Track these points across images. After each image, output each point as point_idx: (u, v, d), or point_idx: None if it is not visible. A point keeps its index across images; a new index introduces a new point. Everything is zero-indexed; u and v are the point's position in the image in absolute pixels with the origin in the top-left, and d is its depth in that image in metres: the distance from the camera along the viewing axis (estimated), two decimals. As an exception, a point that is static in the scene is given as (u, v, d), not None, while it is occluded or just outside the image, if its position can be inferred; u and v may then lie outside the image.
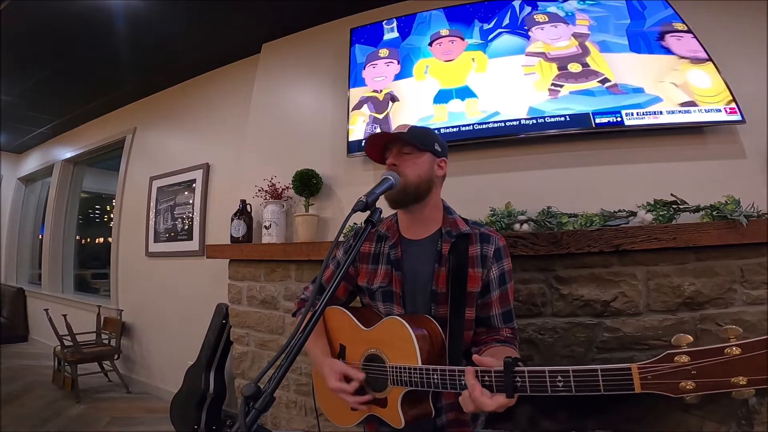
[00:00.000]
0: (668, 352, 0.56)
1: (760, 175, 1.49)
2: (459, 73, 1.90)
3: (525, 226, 1.50)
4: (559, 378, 0.63)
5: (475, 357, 0.72)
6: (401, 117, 1.95)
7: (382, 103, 2.03)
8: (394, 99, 2.01)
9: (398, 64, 2.06)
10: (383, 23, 2.14)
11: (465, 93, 1.86)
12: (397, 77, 2.03)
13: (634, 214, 1.43)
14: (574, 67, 1.71)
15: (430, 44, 2.01)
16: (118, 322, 3.20)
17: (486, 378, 0.70)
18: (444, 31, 2.00)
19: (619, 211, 1.45)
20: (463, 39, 1.95)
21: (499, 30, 1.88)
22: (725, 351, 0.52)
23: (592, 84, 1.66)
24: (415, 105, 1.95)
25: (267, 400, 0.56)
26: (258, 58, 2.61)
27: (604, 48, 1.71)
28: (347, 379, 0.90)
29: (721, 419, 1.34)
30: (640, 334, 1.32)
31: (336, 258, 1.14)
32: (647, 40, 1.69)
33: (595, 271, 1.39)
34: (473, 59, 1.89)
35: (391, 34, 2.13)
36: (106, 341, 3.23)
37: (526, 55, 1.80)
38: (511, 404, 0.69)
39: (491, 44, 1.88)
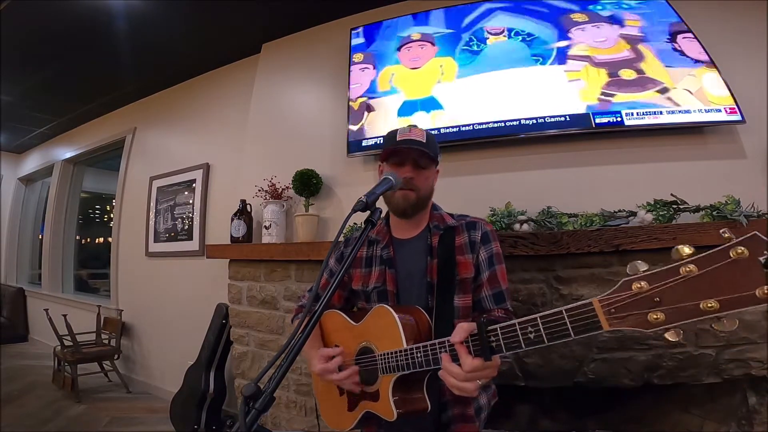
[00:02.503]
0: (624, 279, 0.54)
1: (760, 175, 1.49)
2: (425, 83, 1.84)
3: (525, 226, 1.50)
4: (529, 328, 0.63)
5: (451, 338, 0.72)
6: (377, 128, 1.90)
7: (357, 113, 1.95)
8: (369, 108, 1.92)
9: (374, 69, 1.96)
10: (351, 30, 2.11)
11: (431, 105, 1.82)
12: (373, 84, 1.96)
13: (634, 214, 1.43)
14: (627, 74, 1.57)
15: (399, 49, 1.95)
16: (118, 322, 3.20)
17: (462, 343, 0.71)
18: (415, 35, 1.91)
19: (619, 211, 1.44)
20: (433, 44, 1.88)
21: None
22: (680, 270, 0.48)
23: (650, 94, 1.54)
24: (383, 116, 1.87)
25: (267, 400, 0.56)
26: (258, 58, 2.61)
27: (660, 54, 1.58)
28: (331, 359, 0.92)
29: (721, 419, 1.34)
30: (639, 335, 1.32)
31: (329, 267, 1.15)
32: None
33: (595, 271, 1.38)
34: (441, 66, 1.82)
35: (356, 39, 2.08)
36: (106, 341, 3.23)
37: (569, 59, 1.65)
38: (493, 373, 0.70)
39: (459, 50, 1.84)
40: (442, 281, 0.95)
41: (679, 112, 1.54)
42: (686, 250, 0.49)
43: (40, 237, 4.92)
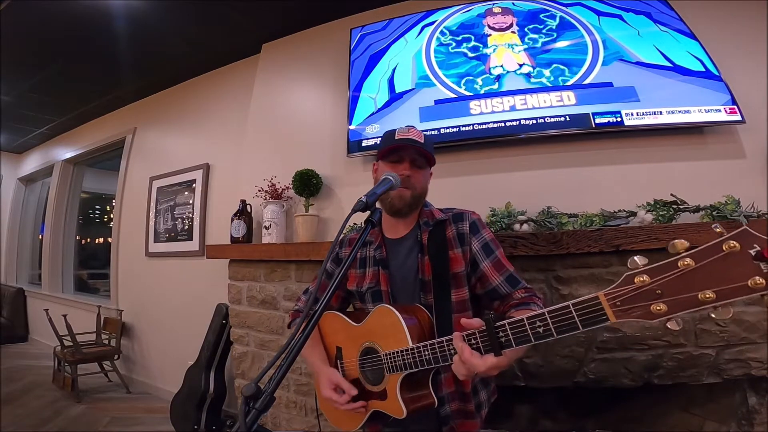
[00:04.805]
0: (627, 274, 0.56)
1: (760, 175, 1.49)
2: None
3: (525, 226, 1.50)
4: (538, 323, 0.64)
5: (462, 320, 0.72)
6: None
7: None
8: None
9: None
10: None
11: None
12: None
13: (634, 214, 1.43)
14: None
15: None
16: (118, 322, 3.20)
17: (472, 341, 0.71)
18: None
19: (619, 211, 1.44)
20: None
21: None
22: (678, 264, 0.51)
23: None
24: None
25: (267, 401, 0.56)
26: (258, 58, 2.61)
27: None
28: (341, 389, 0.92)
29: (721, 419, 1.34)
30: (640, 335, 1.32)
31: (327, 270, 1.15)
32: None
33: (595, 271, 1.38)
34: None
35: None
36: (106, 341, 3.23)
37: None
38: (503, 365, 0.69)
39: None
40: (437, 278, 0.95)
41: (679, 112, 1.54)
42: (684, 243, 0.52)
43: (40, 237, 4.92)
